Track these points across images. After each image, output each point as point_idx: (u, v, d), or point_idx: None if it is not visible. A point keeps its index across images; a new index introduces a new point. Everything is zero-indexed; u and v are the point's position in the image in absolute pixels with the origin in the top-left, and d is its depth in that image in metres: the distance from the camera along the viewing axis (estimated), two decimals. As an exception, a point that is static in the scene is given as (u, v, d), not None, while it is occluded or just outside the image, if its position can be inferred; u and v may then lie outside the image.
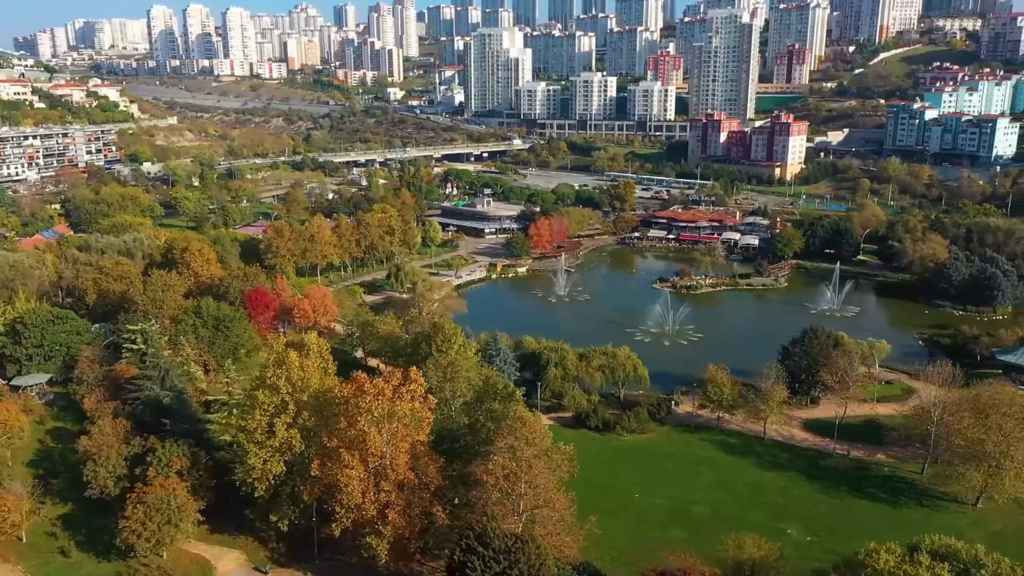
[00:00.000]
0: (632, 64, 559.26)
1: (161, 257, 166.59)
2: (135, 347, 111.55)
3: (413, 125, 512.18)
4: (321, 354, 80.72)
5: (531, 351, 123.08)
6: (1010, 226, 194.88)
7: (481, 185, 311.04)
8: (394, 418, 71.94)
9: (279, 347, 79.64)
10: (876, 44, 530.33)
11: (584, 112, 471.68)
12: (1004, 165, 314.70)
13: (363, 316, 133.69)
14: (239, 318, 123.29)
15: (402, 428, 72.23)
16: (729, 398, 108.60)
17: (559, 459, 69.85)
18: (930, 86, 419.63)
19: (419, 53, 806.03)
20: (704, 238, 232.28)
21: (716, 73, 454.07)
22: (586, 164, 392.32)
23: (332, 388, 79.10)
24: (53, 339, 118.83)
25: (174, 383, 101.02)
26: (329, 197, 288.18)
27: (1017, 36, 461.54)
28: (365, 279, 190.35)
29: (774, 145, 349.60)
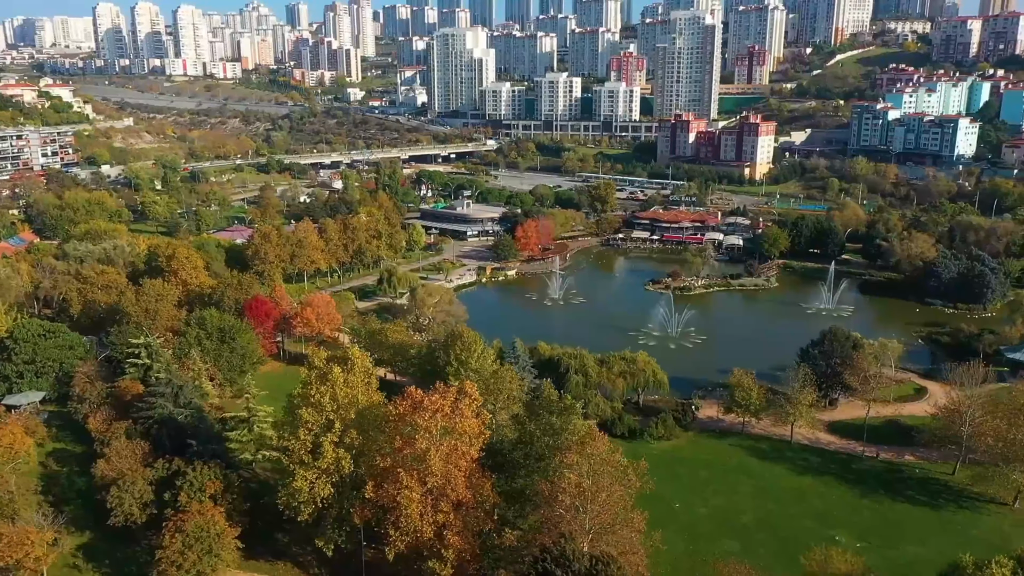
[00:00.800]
0: (594, 65, 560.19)
1: (144, 265, 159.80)
2: (139, 362, 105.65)
3: (376, 126, 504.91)
4: (365, 369, 76.60)
5: (547, 357, 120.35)
6: (992, 224, 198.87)
7: (455, 187, 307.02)
8: (452, 435, 68.50)
9: (321, 362, 75.33)
10: (832, 46, 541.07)
11: (550, 113, 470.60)
12: (966, 164, 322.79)
13: (371, 324, 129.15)
14: (244, 329, 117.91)
15: (461, 445, 68.81)
16: (757, 402, 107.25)
17: (633, 475, 67.18)
18: (887, 87, 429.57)
19: (376, 53, 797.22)
20: (688, 239, 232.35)
21: (680, 74, 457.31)
22: (555, 165, 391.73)
23: (378, 404, 75.16)
24: (45, 354, 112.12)
25: (188, 399, 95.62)
26: (302, 200, 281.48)
27: (967, 39, 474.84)
28: (354, 285, 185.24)
29: (743, 145, 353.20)
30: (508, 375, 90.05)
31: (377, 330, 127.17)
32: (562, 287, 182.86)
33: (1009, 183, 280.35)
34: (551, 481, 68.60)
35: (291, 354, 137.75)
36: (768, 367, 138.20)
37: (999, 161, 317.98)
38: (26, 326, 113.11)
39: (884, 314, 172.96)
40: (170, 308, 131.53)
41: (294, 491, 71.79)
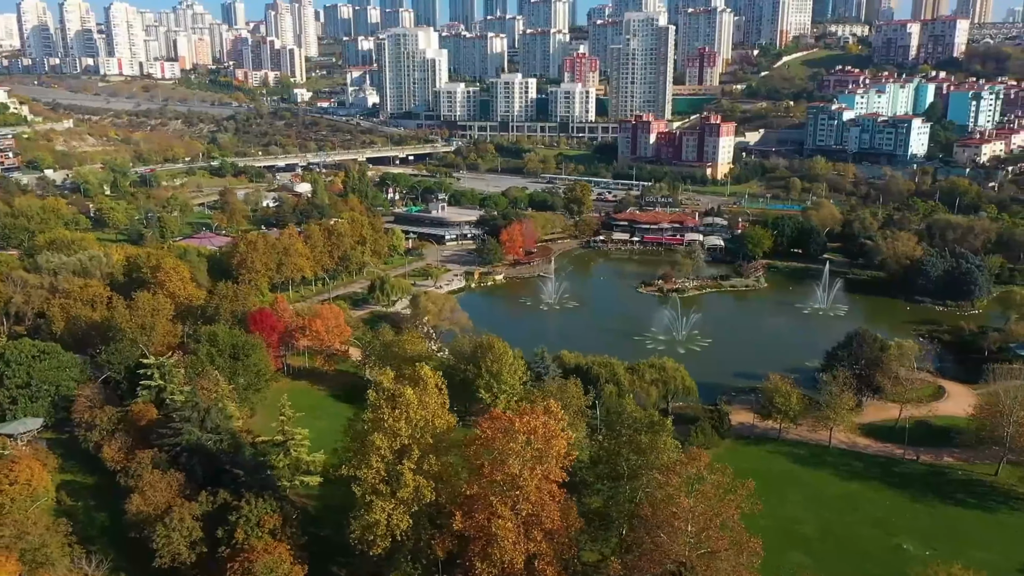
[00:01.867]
0: (546, 66, 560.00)
1: (123, 277, 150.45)
2: (152, 384, 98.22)
3: (327, 127, 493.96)
4: (439, 388, 71.74)
5: (574, 366, 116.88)
6: (969, 222, 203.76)
7: (423, 189, 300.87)
8: (546, 459, 64.43)
9: (389, 382, 70.17)
10: (778, 48, 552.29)
11: (506, 114, 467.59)
12: (920, 163, 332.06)
13: (384, 335, 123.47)
14: (257, 345, 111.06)
15: (554, 469, 64.81)
16: (796, 407, 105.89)
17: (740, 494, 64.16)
18: (834, 89, 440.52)
19: (318, 53, 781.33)
20: (668, 240, 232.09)
21: (634, 75, 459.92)
22: (516, 166, 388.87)
23: (453, 426, 70.42)
24: (40, 377, 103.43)
25: (215, 423, 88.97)
26: (266, 205, 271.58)
27: (907, 42, 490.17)
28: (341, 293, 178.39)
29: (705, 146, 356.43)
30: (574, 389, 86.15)
31: (391, 341, 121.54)
32: (557, 291, 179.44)
33: (965, 181, 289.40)
34: (653, 503, 65.12)
35: (295, 369, 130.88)
36: (781, 369, 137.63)
37: (951, 160, 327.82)
38: (18, 347, 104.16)
39: (876, 313, 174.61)
40: (166, 323, 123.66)
41: (370, 524, 66.54)
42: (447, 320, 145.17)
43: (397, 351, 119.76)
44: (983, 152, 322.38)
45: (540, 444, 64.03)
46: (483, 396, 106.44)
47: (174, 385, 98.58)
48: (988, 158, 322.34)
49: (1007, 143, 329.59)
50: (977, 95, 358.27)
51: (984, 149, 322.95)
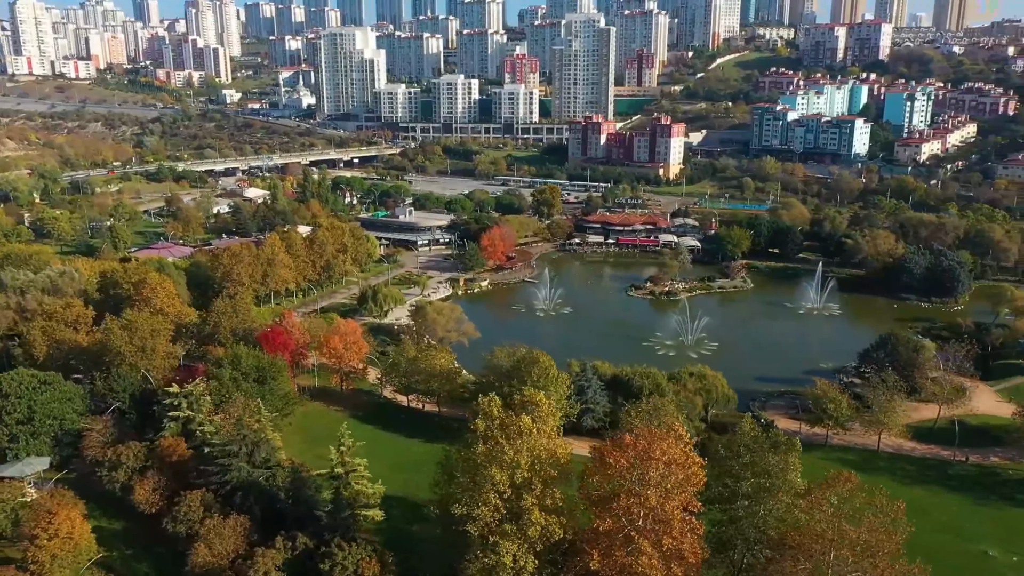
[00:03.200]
0: (484, 67, 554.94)
1: (99, 294, 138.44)
2: (180, 414, 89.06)
3: (262, 130, 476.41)
4: (552, 414, 66.21)
5: (611, 376, 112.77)
6: (939, 220, 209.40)
7: (380, 193, 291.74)
8: (685, 488, 59.94)
9: (498, 410, 64.29)
10: (711, 50, 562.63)
11: (449, 115, 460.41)
12: (863, 162, 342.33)
13: (407, 350, 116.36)
14: (282, 367, 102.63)
15: (693, 500, 60.38)
16: (847, 412, 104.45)
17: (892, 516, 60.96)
18: (770, 90, 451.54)
19: (242, 52, 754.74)
20: (643, 241, 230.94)
21: (577, 76, 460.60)
22: (466, 168, 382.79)
23: (568, 454, 65.03)
24: (43, 411, 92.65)
25: (266, 457, 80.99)
26: (218, 212, 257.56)
27: (835, 44, 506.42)
28: (326, 304, 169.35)
29: (656, 146, 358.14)
30: (671, 407, 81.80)
31: (416, 357, 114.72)
32: (552, 297, 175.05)
33: (911, 179, 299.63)
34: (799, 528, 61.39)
35: (303, 388, 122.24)
36: (799, 372, 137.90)
37: (893, 159, 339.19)
38: (16, 378, 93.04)
39: (867, 311, 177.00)
40: (166, 344, 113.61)
41: (490, 566, 60.60)
42: (454, 331, 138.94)
43: (424, 367, 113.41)
44: (923, 151, 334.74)
45: (680, 473, 59.45)
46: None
47: (203, 415, 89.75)
48: (927, 156, 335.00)
49: (943, 142, 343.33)
50: (912, 96, 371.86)
51: (923, 148, 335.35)
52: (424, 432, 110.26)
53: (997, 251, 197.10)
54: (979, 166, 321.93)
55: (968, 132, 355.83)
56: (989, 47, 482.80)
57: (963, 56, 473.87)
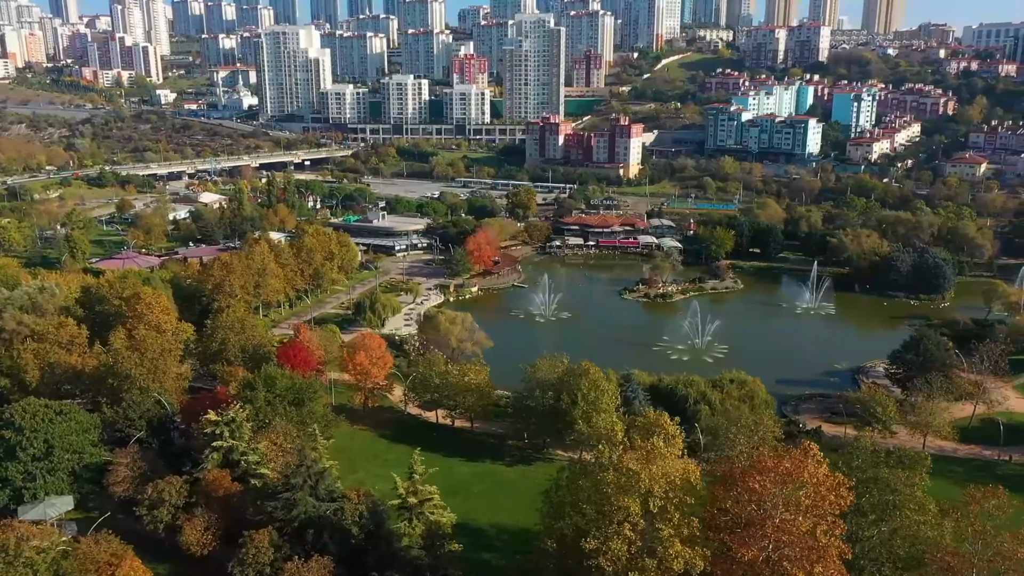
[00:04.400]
0: (430, 67, 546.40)
1: (83, 311, 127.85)
2: (224, 444, 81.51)
3: (203, 131, 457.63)
4: (678, 436, 61.86)
5: (651, 386, 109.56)
6: (916, 218, 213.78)
7: (342, 197, 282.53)
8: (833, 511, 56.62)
9: (621, 435, 59.72)
10: (655, 51, 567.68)
11: (399, 116, 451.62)
12: (817, 161, 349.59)
13: (437, 364, 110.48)
14: (319, 388, 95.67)
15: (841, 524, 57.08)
16: (893, 416, 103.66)
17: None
18: (716, 91, 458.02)
19: (171, 51, 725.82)
20: (623, 243, 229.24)
21: (528, 76, 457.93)
22: (423, 170, 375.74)
23: (693, 475, 60.82)
24: (62, 444, 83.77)
25: (331, 489, 74.51)
26: (176, 218, 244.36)
27: (775, 46, 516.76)
28: (318, 314, 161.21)
29: (616, 146, 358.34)
30: (768, 419, 78.47)
31: (446, 371, 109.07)
32: (551, 302, 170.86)
33: (867, 177, 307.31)
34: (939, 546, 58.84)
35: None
36: (817, 374, 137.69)
37: (846, 158, 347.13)
38: (29, 409, 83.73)
39: (861, 310, 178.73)
40: (176, 365, 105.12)
41: (630, 606, 56.10)
42: (467, 341, 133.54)
43: (453, 381, 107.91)
44: (874, 150, 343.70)
45: (831, 495, 56.09)
46: (581, 428, 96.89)
47: (244, 444, 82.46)
48: (878, 155, 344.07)
49: (892, 142, 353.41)
50: (858, 97, 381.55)
51: (874, 147, 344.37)
52: (463, 450, 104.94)
53: (971, 247, 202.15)
54: (927, 164, 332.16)
55: (913, 132, 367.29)
56: (922, 49, 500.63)
57: (899, 58, 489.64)
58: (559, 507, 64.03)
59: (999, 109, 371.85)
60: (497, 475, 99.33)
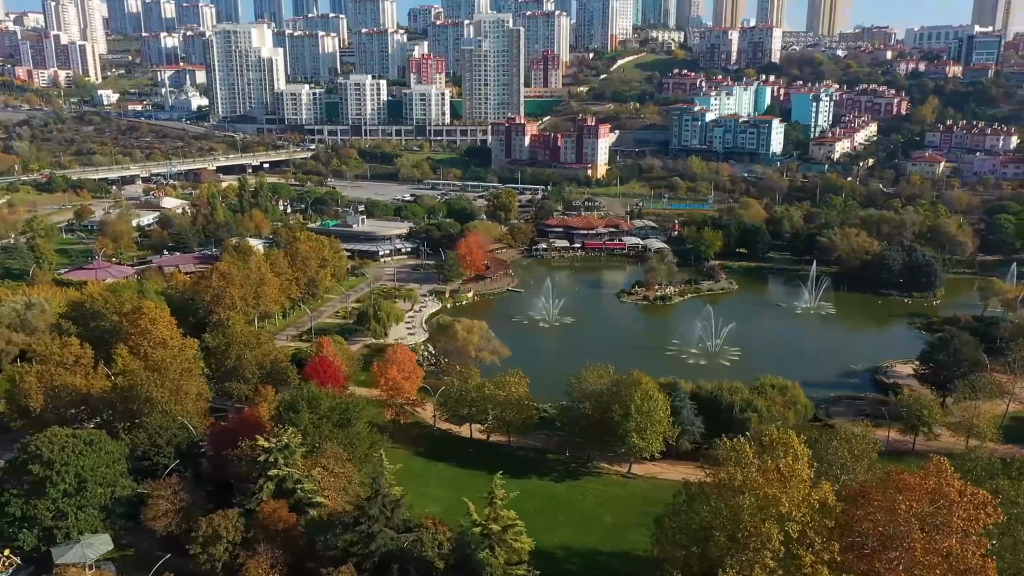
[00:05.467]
0: (385, 67, 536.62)
1: (76, 327, 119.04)
2: (278, 473, 75.41)
3: (151, 133, 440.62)
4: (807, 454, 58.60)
5: (690, 393, 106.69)
6: (900, 217, 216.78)
7: (312, 200, 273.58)
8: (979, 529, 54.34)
9: (752, 455, 56.23)
10: (610, 52, 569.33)
11: (357, 117, 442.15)
12: (781, 160, 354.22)
13: (471, 377, 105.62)
14: (363, 407, 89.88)
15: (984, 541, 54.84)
16: (939, 417, 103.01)
17: None
18: (674, 91, 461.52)
19: (108, 50, 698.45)
20: (610, 245, 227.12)
21: (488, 77, 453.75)
22: (388, 172, 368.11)
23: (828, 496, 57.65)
24: (94, 478, 76.48)
25: (405, 518, 69.40)
26: (138, 224, 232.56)
27: (729, 47, 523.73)
28: (312, 324, 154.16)
29: (584, 147, 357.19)
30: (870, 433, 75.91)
31: (481, 383, 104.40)
32: (554, 307, 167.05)
33: (835, 176, 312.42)
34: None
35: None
36: (836, 374, 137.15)
37: (809, 157, 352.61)
38: (57, 440, 76.08)
39: (859, 309, 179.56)
40: (199, 384, 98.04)
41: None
42: (486, 350, 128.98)
43: (493, 395, 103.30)
44: (836, 149, 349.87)
45: (982, 514, 53.76)
46: (635, 441, 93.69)
47: (298, 470, 76.57)
48: (840, 155, 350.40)
49: (852, 141, 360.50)
50: (816, 97, 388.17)
51: (837, 147, 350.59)
52: (505, 467, 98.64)
53: (953, 245, 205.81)
54: (888, 163, 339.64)
55: (871, 131, 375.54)
56: (869, 51, 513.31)
57: (848, 59, 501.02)
58: (679, 533, 60.18)
59: (950, 109, 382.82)
60: (547, 492, 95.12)
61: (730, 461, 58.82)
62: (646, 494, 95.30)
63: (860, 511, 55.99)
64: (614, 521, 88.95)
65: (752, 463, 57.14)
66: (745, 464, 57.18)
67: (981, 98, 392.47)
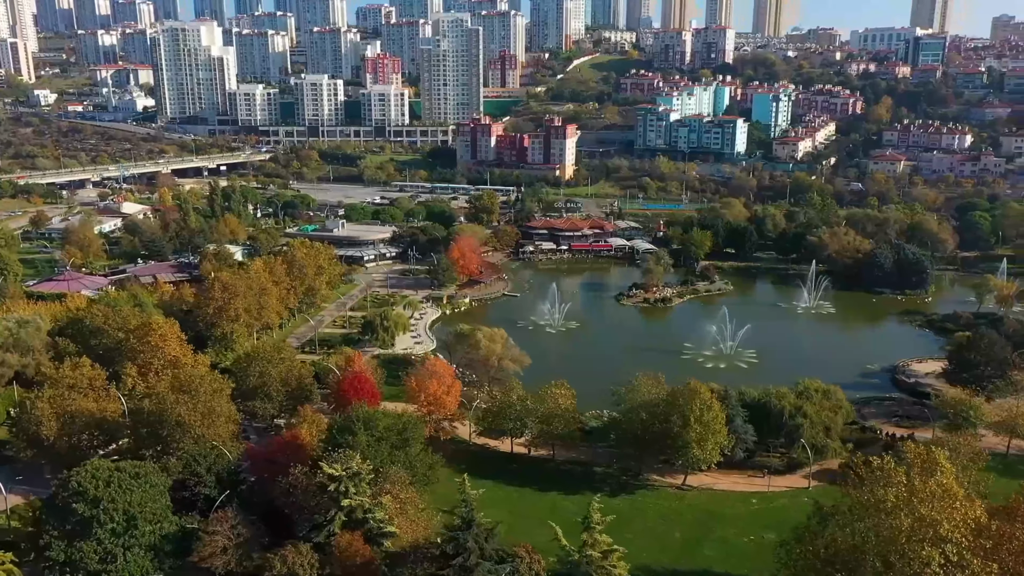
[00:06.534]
0: (338, 66, 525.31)
1: (74, 345, 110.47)
2: (350, 503, 69.71)
3: (96, 135, 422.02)
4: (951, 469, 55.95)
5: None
6: (884, 215, 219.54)
7: (282, 204, 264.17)
8: None
9: (901, 472, 53.24)
10: (566, 52, 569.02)
11: (314, 117, 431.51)
12: (746, 160, 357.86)
13: (514, 388, 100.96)
14: (419, 426, 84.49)
15: None
16: (985, 418, 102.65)
17: None
18: (632, 91, 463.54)
19: (40, 48, 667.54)
20: (597, 247, 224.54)
21: (447, 77, 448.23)
22: (350, 174, 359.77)
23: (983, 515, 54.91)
24: (144, 515, 69.56)
25: (498, 547, 64.71)
26: (98, 231, 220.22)
27: (683, 48, 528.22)
28: (313, 334, 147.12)
29: (551, 148, 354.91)
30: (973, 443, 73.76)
31: (524, 396, 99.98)
32: (561, 312, 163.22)
33: (804, 175, 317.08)
34: None
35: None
36: (855, 375, 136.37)
37: (773, 156, 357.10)
38: (103, 475, 68.90)
39: (857, 308, 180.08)
40: (229, 406, 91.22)
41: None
42: (507, 358, 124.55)
43: (539, 407, 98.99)
44: (799, 149, 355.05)
45: None
46: (695, 452, 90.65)
47: (367, 499, 71.06)
48: (803, 154, 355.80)
49: (813, 140, 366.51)
50: (776, 97, 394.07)
51: (800, 146, 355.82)
52: (555, 483, 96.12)
53: (935, 242, 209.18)
54: (850, 162, 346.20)
55: (830, 131, 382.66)
56: (820, 52, 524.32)
57: (800, 60, 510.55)
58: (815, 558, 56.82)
59: (903, 109, 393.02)
60: (607, 508, 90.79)
61: (879, 481, 55.72)
62: (707, 506, 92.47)
63: (1018, 528, 53.57)
64: (684, 537, 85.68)
65: (902, 483, 54.25)
66: (895, 484, 54.24)
67: (932, 98, 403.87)
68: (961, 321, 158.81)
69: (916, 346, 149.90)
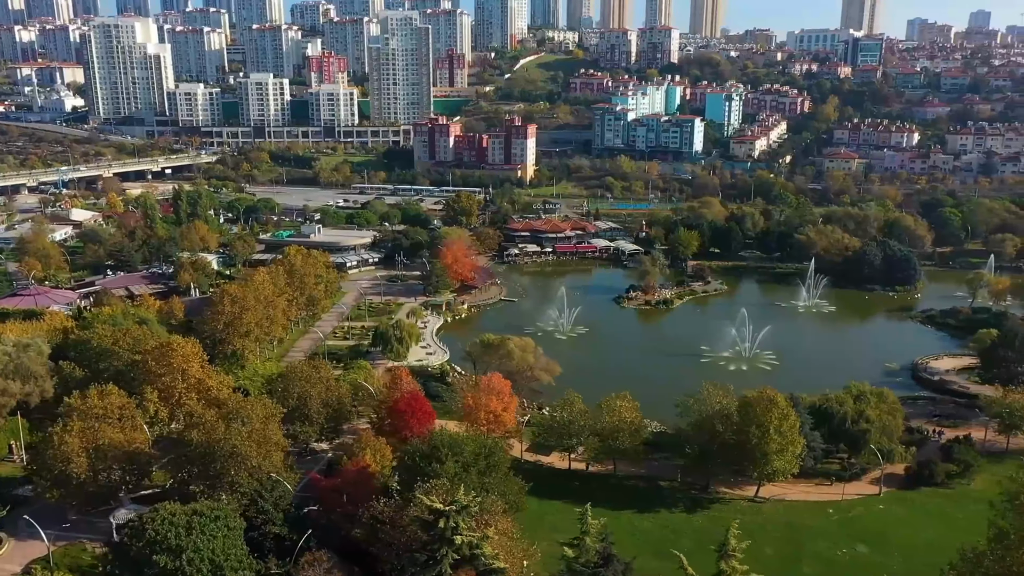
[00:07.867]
0: (279, 65, 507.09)
1: (81, 371, 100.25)
2: (464, 540, 63.45)
3: (23, 137, 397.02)
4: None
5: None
6: (863, 214, 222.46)
7: (245, 208, 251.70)
8: None
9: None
10: (512, 51, 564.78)
11: (260, 118, 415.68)
12: (704, 159, 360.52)
13: (574, 402, 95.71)
14: (503, 449, 78.51)
15: None
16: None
17: None
18: (582, 90, 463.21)
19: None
20: (581, 248, 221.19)
21: (396, 76, 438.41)
22: (305, 176, 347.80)
23: None
24: (230, 563, 61.89)
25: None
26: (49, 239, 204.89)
27: (628, 48, 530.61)
28: (318, 346, 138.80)
29: (512, 148, 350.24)
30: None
31: (582, 411, 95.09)
32: (571, 318, 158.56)
33: (766, 173, 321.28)
34: None
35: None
36: (880, 375, 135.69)
37: (730, 155, 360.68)
38: (178, 520, 60.83)
39: (854, 306, 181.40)
40: (279, 433, 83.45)
41: None
42: (541, 369, 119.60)
43: (591, 423, 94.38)
44: (756, 147, 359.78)
45: None
46: (776, 464, 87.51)
47: (472, 535, 65.00)
48: (759, 152, 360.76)
49: (768, 139, 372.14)
50: (729, 97, 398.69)
51: (756, 145, 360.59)
52: (623, 501, 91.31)
53: (914, 239, 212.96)
54: (805, 160, 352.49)
55: (782, 130, 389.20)
56: (761, 53, 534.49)
57: (743, 60, 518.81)
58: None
59: (849, 108, 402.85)
60: (688, 527, 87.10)
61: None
62: (786, 519, 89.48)
63: None
64: (777, 553, 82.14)
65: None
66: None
67: (875, 97, 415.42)
68: (961, 316, 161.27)
69: (926, 343, 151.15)
